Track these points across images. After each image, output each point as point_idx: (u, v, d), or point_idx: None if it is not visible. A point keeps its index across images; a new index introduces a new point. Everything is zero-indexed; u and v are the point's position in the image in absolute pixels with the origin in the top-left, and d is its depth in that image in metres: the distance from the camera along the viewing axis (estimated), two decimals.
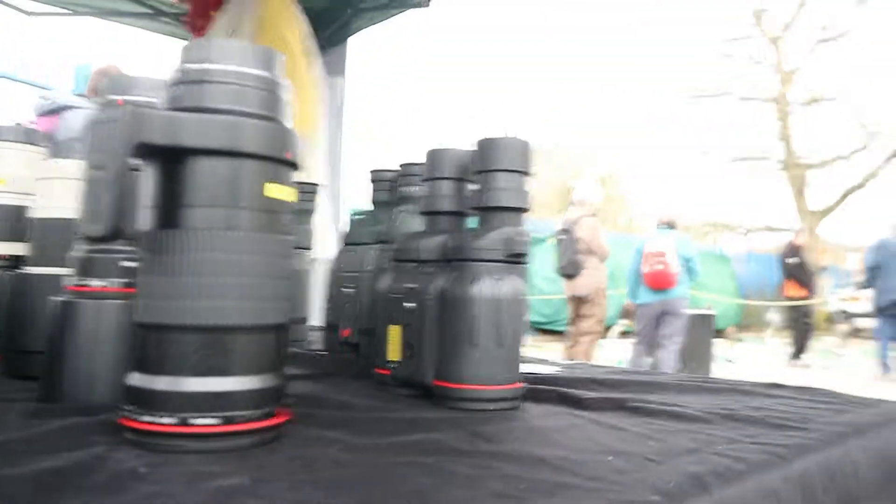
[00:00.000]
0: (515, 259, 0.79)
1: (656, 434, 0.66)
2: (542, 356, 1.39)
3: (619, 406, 0.79)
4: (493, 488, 0.47)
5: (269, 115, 0.59)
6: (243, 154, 0.57)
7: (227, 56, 0.58)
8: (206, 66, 0.57)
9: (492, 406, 0.75)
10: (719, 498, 0.50)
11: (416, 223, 0.95)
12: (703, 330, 7.14)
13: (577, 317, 5.67)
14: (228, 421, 0.54)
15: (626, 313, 7.21)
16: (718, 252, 16.91)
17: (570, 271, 5.56)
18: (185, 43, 0.61)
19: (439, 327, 0.79)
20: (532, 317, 11.60)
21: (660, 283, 5.46)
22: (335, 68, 3.69)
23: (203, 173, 0.56)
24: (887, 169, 18.87)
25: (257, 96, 0.59)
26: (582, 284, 5.53)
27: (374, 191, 1.12)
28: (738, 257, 17.40)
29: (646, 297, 5.60)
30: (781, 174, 20.41)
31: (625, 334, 11.03)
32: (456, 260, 0.80)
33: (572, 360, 2.73)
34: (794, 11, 19.43)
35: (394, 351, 0.84)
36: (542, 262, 11.73)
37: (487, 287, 0.76)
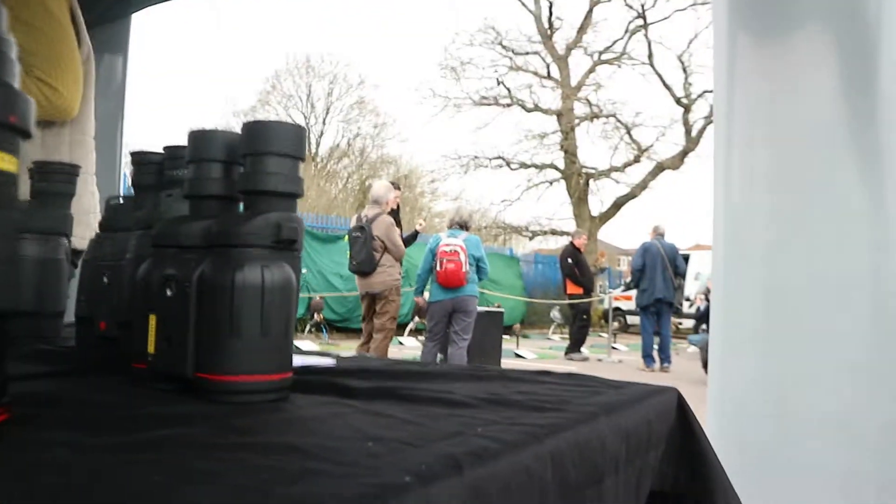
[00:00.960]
0: (284, 245, 0.76)
1: (420, 419, 0.66)
2: (337, 354, 1.37)
3: (390, 394, 0.78)
4: (235, 482, 0.44)
5: None
6: None
7: None
8: None
9: (256, 398, 0.72)
10: (472, 477, 0.50)
11: (182, 208, 0.89)
12: (493, 326, 7.49)
13: (370, 314, 5.71)
14: None
15: (419, 311, 7.34)
16: (508, 253, 17.84)
17: (364, 269, 5.58)
18: None
19: (200, 316, 0.73)
20: (326, 314, 11.49)
21: (451, 281, 5.65)
22: (115, 45, 3.41)
23: None
24: (655, 181, 20.97)
25: None
26: (376, 282, 5.58)
27: (138, 174, 1.03)
28: (526, 258, 18.47)
29: (438, 294, 5.76)
30: (562, 182, 21.97)
31: (417, 331, 11.29)
32: (220, 245, 0.75)
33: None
34: (576, 35, 21.03)
35: (151, 343, 0.77)
36: (337, 259, 11.68)
37: (252, 274, 0.72)
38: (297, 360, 0.79)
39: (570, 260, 9.97)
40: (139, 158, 1.02)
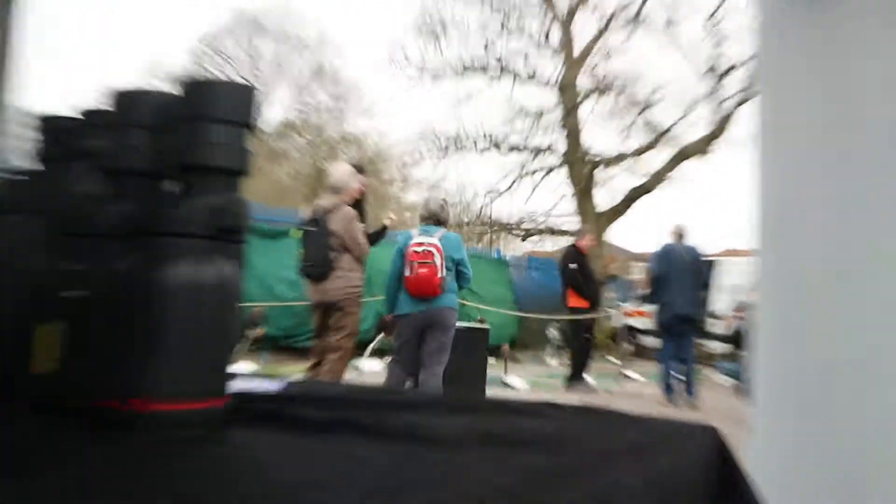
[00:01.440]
0: (227, 236, 0.74)
1: (394, 462, 0.64)
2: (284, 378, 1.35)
3: (352, 429, 0.77)
4: None
5: None
6: None
7: None
8: None
9: (180, 433, 0.69)
10: None
11: (96, 186, 0.87)
12: (475, 347, 7.50)
13: (323, 329, 5.68)
14: None
15: (383, 326, 7.34)
16: (495, 256, 17.91)
17: (317, 272, 5.55)
18: None
19: (111, 326, 0.71)
20: (267, 330, 11.45)
21: (424, 289, 5.62)
22: None
23: None
24: (677, 171, 21.15)
25: None
26: (332, 289, 5.55)
27: (42, 143, 1.01)
28: (517, 262, 18.54)
29: (407, 306, 5.73)
30: (564, 170, 22.10)
31: (381, 352, 11.29)
32: (144, 234, 0.73)
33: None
34: None
35: (44, 359, 0.75)
36: (283, 261, 11.64)
37: (185, 270, 0.70)
38: (235, 385, 0.77)
39: (572, 265, 10.01)
40: (46, 124, 1.00)
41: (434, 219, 5.94)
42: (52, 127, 1.01)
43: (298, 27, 31.33)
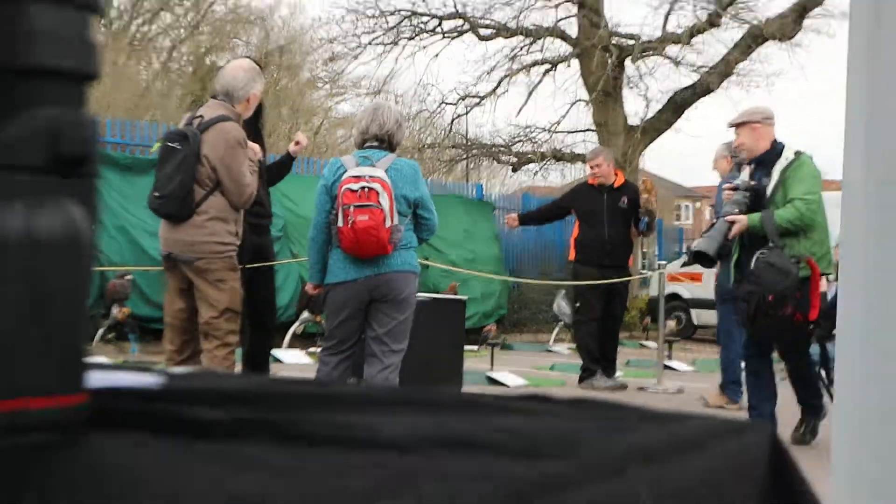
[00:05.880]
0: (69, 168, 0.79)
1: (319, 474, 0.70)
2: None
3: (263, 432, 0.82)
4: None
5: None
6: None
7: None
8: None
9: (18, 440, 0.74)
10: None
11: None
12: (446, 329, 7.56)
13: (183, 299, 5.66)
14: None
15: (308, 300, 7.36)
16: (475, 195, 17.88)
17: (169, 210, 5.47)
18: None
19: None
20: (135, 307, 11.42)
21: (366, 246, 5.63)
22: None
23: None
24: (748, 63, 21.13)
25: None
26: (186, 240, 5.48)
27: None
28: (507, 203, 18.51)
29: (343, 271, 5.75)
30: (576, 63, 21.99)
31: (308, 338, 11.33)
32: None
33: None
34: None
35: None
36: (137, 198, 11.46)
37: (10, 220, 0.75)
38: (97, 379, 0.82)
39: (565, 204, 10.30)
40: None
41: (380, 140, 5.89)
42: None
43: None
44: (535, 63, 22.68)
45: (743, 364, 8.08)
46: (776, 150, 6.73)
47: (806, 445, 6.76)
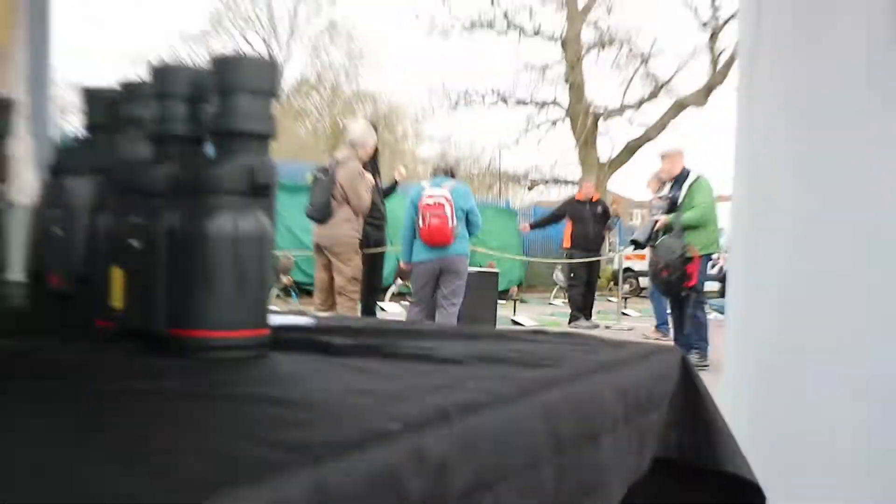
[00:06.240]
0: (259, 192, 0.82)
1: (406, 375, 0.73)
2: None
3: (374, 351, 0.85)
4: (217, 427, 0.50)
5: None
6: None
7: None
8: None
9: (232, 354, 0.78)
10: (460, 426, 0.57)
11: (142, 150, 0.94)
12: (486, 290, 7.59)
13: (326, 272, 5.79)
14: None
15: (401, 273, 7.40)
16: (504, 206, 17.87)
17: (317, 215, 5.66)
18: None
19: (171, 269, 0.79)
20: (296, 276, 11.53)
21: (437, 238, 5.68)
22: None
23: None
24: (676, 121, 20.95)
25: None
26: (327, 234, 5.66)
27: (89, 113, 1.08)
28: (524, 212, 18.50)
29: (422, 254, 5.80)
30: (567, 122, 21.89)
31: (401, 296, 11.39)
32: (190, 192, 0.81)
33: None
34: None
35: (117, 298, 0.83)
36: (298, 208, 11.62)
37: (226, 222, 0.78)
38: (274, 320, 0.86)
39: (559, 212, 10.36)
40: (92, 95, 1.07)
41: (445, 171, 5.96)
42: (96, 98, 1.08)
43: None
44: (542, 123, 22.63)
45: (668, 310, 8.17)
46: (684, 173, 6.84)
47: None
